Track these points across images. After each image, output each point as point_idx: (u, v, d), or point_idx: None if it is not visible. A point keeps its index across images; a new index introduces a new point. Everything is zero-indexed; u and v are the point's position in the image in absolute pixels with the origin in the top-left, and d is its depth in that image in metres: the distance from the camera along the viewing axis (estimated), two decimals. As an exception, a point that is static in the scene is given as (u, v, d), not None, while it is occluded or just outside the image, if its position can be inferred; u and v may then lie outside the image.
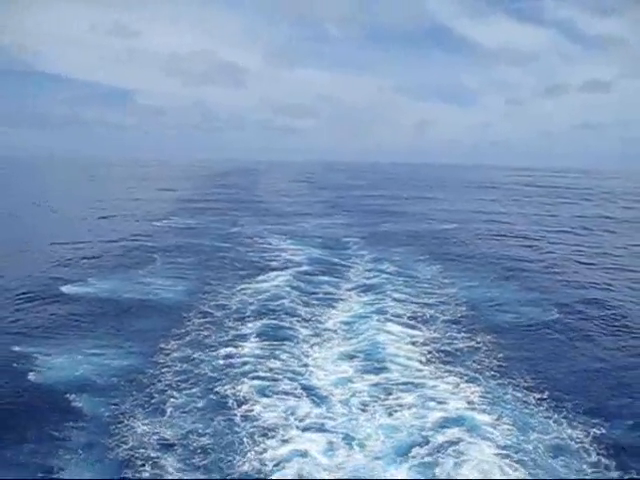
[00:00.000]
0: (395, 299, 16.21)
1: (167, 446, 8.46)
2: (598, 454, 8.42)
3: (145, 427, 8.98)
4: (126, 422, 9.16)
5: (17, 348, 12.21)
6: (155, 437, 8.69)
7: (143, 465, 7.98)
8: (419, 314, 14.96)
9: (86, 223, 33.23)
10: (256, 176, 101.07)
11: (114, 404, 9.79)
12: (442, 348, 12.54)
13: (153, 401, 9.88)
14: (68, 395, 10.11)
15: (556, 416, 9.58)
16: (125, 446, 8.46)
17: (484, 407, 9.78)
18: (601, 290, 18.33)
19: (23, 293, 16.43)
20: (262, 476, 7.75)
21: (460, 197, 58.77)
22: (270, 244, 26.17)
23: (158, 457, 8.16)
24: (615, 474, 8.01)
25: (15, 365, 11.31)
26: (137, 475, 7.79)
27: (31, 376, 10.84)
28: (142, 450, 8.33)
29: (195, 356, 11.91)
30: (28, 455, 8.34)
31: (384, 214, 40.53)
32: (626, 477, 7.57)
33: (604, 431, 9.11)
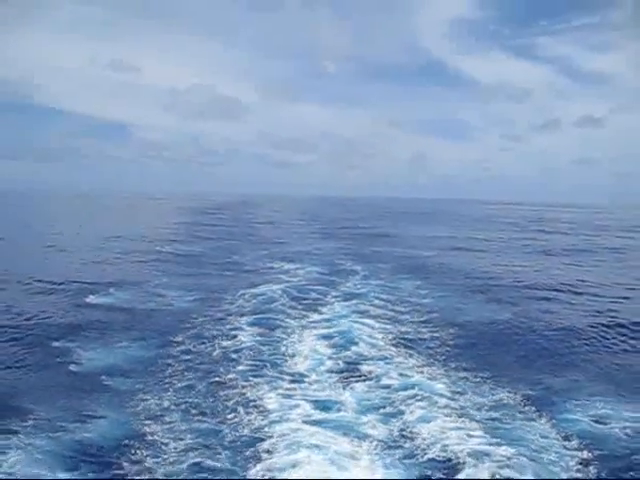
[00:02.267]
0: (374, 304, 18.85)
1: (170, 409, 10.67)
2: (525, 405, 10.94)
3: (155, 398, 11.16)
4: (141, 395, 11.35)
5: (57, 344, 14.57)
6: (161, 404, 10.89)
7: (149, 419, 10.19)
8: (393, 315, 17.58)
9: (97, 246, 35.63)
10: (254, 209, 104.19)
11: (133, 383, 12.07)
12: (409, 337, 15.14)
13: (162, 382, 12.09)
14: (100, 377, 12.40)
15: (499, 388, 11.89)
16: (138, 407, 10.71)
17: (440, 379, 12.18)
18: (559, 302, 20.83)
19: (54, 303, 18.85)
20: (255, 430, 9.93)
21: (451, 229, 61.31)
22: (268, 265, 28.75)
23: (162, 414, 10.38)
24: (535, 415, 10.47)
25: (57, 358, 13.60)
26: (143, 423, 10.00)
27: (71, 366, 13.15)
28: (149, 411, 10.55)
29: (198, 349, 14.28)
30: (69, 409, 10.66)
31: (375, 242, 43.05)
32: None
33: (530, 392, 11.62)
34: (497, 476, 8.11)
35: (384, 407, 10.70)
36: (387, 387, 11.67)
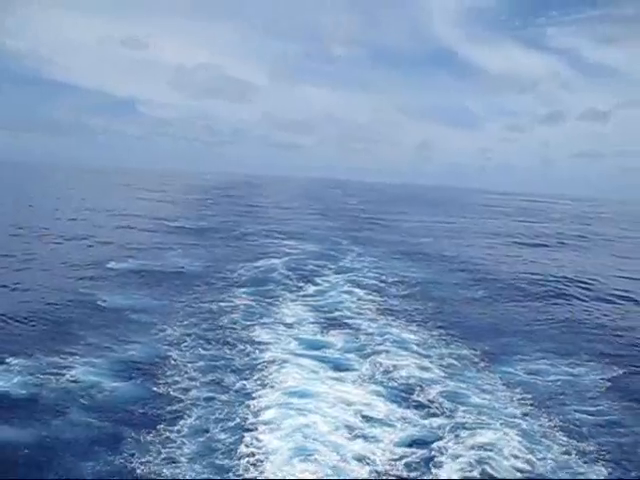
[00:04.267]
0: (364, 276, 21.20)
1: (183, 338, 13.24)
2: (480, 360, 13.09)
3: (170, 330, 13.80)
4: (159, 326, 14.07)
5: (83, 290, 17.48)
6: (176, 334, 13.52)
7: (169, 344, 12.74)
8: (380, 286, 19.95)
9: (115, 221, 37.97)
10: (258, 189, 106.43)
11: (151, 318, 14.84)
12: (391, 303, 17.65)
13: (173, 320, 14.72)
14: (125, 312, 15.33)
15: (461, 346, 14.07)
16: (158, 336, 13.43)
17: (413, 333, 14.56)
18: (529, 282, 22.96)
19: (78, 266, 21.31)
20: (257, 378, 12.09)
21: (451, 217, 63.15)
22: (270, 241, 31.09)
23: (177, 342, 12.94)
24: (485, 367, 12.67)
25: (87, 298, 16.56)
26: (166, 348, 12.47)
27: (99, 302, 16.09)
28: (167, 339, 13.16)
29: (200, 305, 16.52)
30: (109, 335, 13.35)
31: (373, 225, 45.20)
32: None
33: (487, 350, 13.85)
34: (438, 399, 10.42)
35: (364, 348, 13.09)
36: (367, 334, 14.18)
